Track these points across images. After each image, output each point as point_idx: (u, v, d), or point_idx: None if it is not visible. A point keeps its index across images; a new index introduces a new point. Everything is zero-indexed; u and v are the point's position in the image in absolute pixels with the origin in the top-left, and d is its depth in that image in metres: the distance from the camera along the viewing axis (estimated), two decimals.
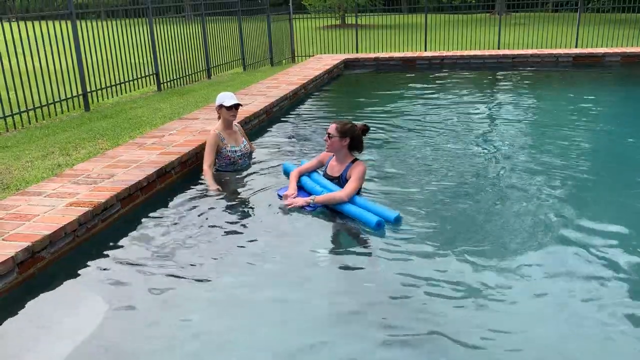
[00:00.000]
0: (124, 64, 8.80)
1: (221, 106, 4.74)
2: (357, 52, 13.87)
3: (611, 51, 10.85)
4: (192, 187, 4.46)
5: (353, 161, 4.11)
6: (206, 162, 4.60)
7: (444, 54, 11.42)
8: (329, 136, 4.07)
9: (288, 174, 4.44)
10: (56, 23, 7.60)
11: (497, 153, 5.38)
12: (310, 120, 7.00)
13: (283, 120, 6.94)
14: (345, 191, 3.85)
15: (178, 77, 10.09)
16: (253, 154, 5.20)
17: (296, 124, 6.77)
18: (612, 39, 13.63)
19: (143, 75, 9.30)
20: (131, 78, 8.97)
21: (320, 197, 3.91)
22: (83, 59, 7.93)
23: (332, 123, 4.14)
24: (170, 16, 10.60)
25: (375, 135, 5.80)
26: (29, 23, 7.18)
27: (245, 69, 12.50)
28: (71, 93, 7.75)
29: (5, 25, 6.84)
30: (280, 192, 4.20)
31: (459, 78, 9.97)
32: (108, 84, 8.50)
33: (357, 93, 9.22)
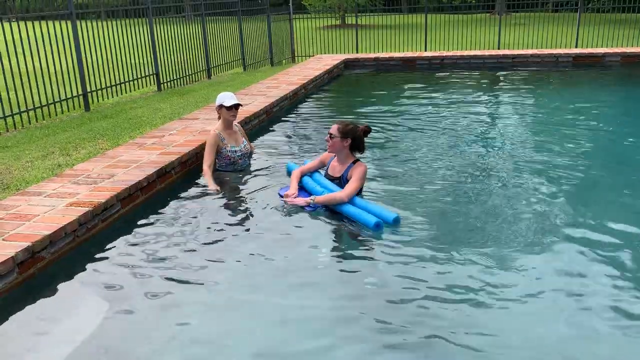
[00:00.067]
0: (124, 64, 8.80)
1: (221, 106, 4.74)
2: (357, 52, 13.87)
3: (611, 51, 10.85)
4: (192, 187, 4.46)
5: (354, 162, 4.11)
6: (206, 162, 4.60)
7: (444, 54, 11.42)
8: (331, 137, 4.07)
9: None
10: (56, 23, 7.61)
11: (497, 153, 5.38)
12: (310, 120, 7.01)
13: (283, 120, 6.94)
14: (345, 191, 3.85)
15: (178, 77, 10.09)
16: (253, 154, 5.20)
17: (296, 124, 6.77)
18: (612, 39, 13.63)
19: (143, 75, 9.30)
20: (131, 78, 8.97)
21: (320, 198, 3.91)
22: (83, 59, 7.93)
23: (334, 124, 4.13)
24: (170, 16, 10.60)
25: (375, 135, 5.79)
26: (29, 23, 7.18)
27: (245, 69, 12.50)
28: (71, 93, 7.75)
29: (5, 25, 6.84)
30: (281, 192, 4.20)
31: (459, 78, 9.97)
32: (108, 84, 8.50)
33: (357, 93, 9.22)
